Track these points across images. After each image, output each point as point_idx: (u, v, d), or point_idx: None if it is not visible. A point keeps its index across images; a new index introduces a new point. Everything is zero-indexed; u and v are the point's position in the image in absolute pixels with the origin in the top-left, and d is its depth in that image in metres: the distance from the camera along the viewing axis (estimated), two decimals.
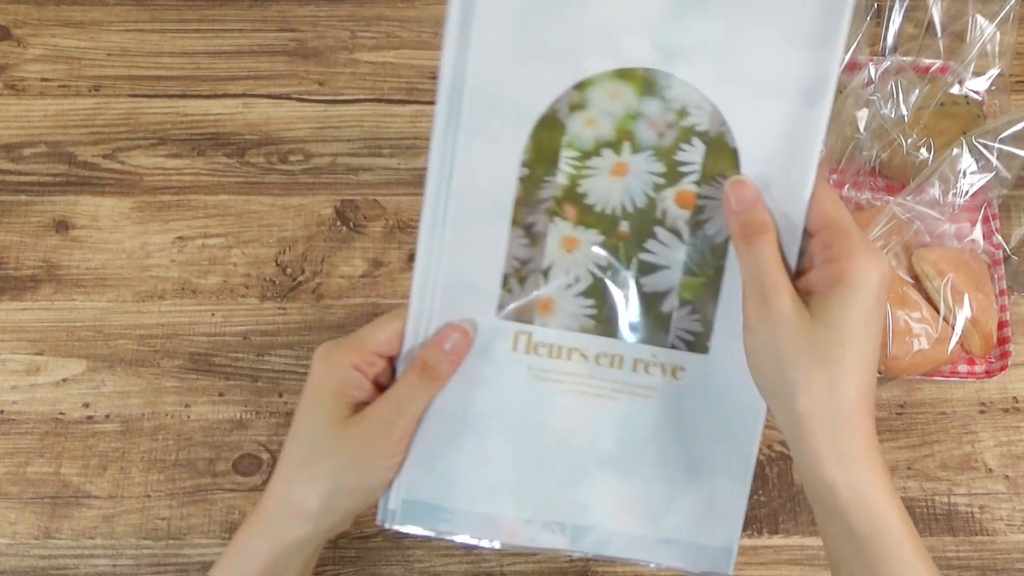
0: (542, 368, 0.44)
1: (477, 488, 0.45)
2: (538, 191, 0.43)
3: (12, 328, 0.64)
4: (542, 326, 0.44)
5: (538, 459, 0.45)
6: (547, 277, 0.44)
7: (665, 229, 0.43)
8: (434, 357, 0.43)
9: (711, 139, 0.42)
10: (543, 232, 0.43)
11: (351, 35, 0.73)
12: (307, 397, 0.44)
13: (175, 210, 0.68)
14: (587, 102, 0.42)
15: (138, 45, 0.73)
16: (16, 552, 0.59)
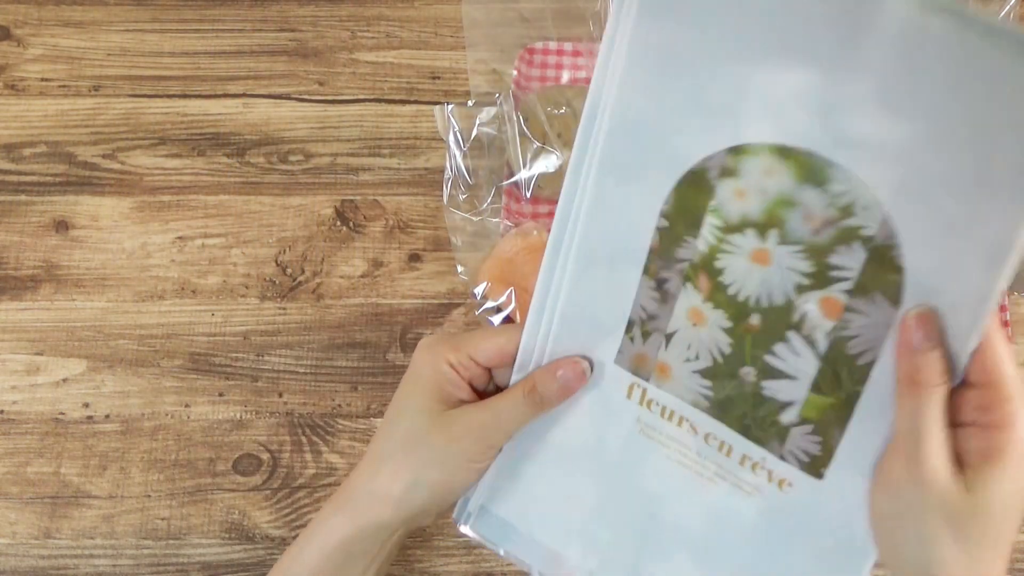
0: (651, 425, 0.42)
1: (552, 522, 0.44)
2: (676, 248, 0.39)
3: (12, 328, 0.64)
4: (657, 387, 0.41)
5: (619, 515, 0.43)
6: (669, 343, 0.40)
7: (800, 336, 0.38)
8: (545, 385, 0.42)
9: (875, 248, 0.35)
10: (674, 294, 0.40)
11: (351, 35, 0.73)
12: (404, 385, 0.45)
13: (175, 210, 0.68)
14: (740, 171, 0.36)
15: (138, 45, 0.73)
16: (16, 552, 0.59)
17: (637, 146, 0.38)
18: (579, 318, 0.42)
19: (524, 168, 0.63)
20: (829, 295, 0.37)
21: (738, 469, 0.41)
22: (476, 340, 0.44)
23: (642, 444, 0.42)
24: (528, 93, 0.67)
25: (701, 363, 0.40)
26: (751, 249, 0.37)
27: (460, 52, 0.72)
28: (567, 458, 0.43)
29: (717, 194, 0.37)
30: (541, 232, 0.64)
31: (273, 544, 0.59)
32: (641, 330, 0.41)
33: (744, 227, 0.37)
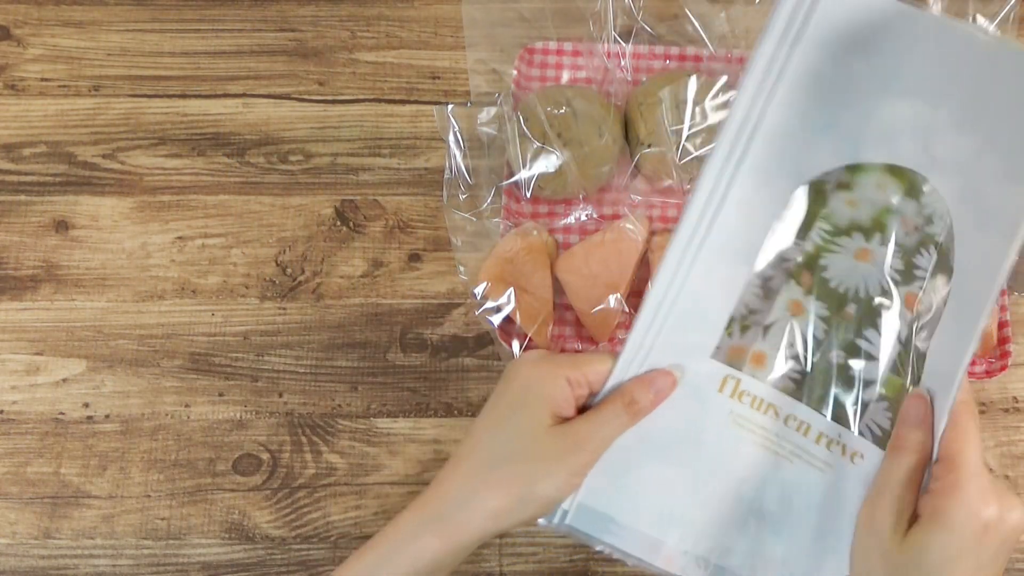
0: (741, 415, 0.45)
1: (651, 510, 0.46)
2: (786, 249, 0.45)
3: (12, 328, 0.64)
4: (751, 376, 0.45)
5: (711, 498, 0.46)
6: (766, 333, 0.45)
7: (887, 324, 0.44)
8: (642, 395, 0.44)
9: (941, 251, 0.43)
10: (777, 290, 0.45)
11: (351, 35, 0.73)
12: (510, 397, 0.44)
13: (175, 210, 0.68)
14: (854, 185, 0.44)
15: (138, 45, 0.73)
16: (16, 552, 0.59)
17: (776, 157, 0.44)
18: (688, 315, 0.45)
19: (524, 168, 0.63)
20: (911, 290, 0.44)
21: (813, 447, 0.45)
22: (592, 362, 0.45)
23: (733, 433, 0.46)
24: (528, 93, 0.67)
25: (796, 348, 0.45)
26: (856, 249, 0.44)
27: (460, 52, 0.72)
28: (663, 450, 0.46)
29: (830, 203, 0.44)
30: (541, 232, 0.64)
31: (273, 544, 0.59)
32: (740, 325, 0.45)
33: (852, 231, 0.44)
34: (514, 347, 0.61)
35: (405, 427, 0.62)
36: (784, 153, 0.43)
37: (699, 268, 0.44)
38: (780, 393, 0.45)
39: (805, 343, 0.45)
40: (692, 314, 0.45)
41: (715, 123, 0.63)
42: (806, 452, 0.45)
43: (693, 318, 0.45)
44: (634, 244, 0.63)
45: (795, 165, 0.44)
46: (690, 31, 0.67)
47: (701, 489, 0.46)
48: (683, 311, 0.45)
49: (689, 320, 0.45)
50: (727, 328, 0.45)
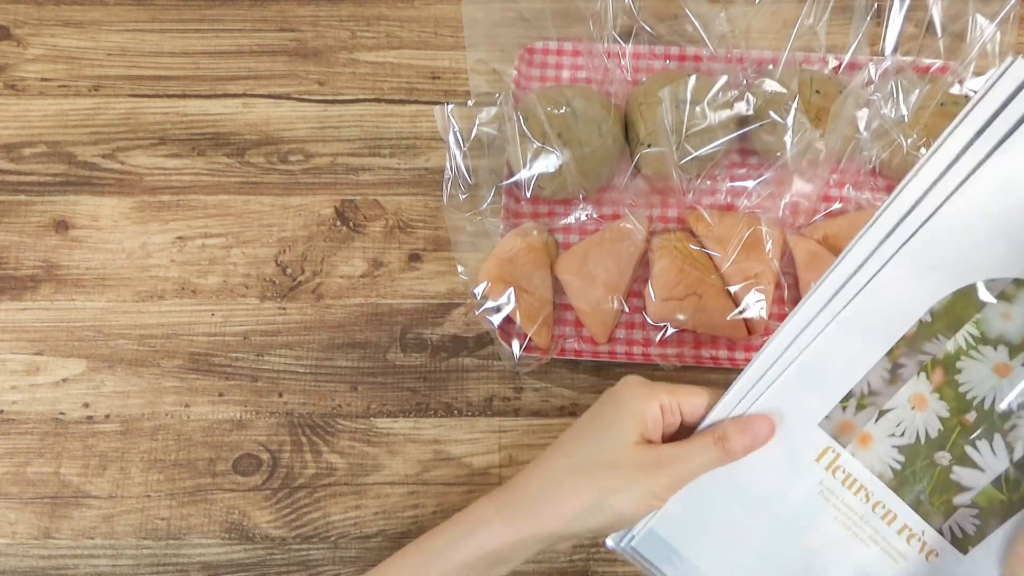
0: (831, 489, 0.45)
1: (717, 556, 0.46)
2: (926, 342, 0.43)
3: (12, 328, 0.64)
4: (851, 455, 0.45)
5: (780, 561, 0.46)
6: (880, 417, 0.44)
7: (1004, 441, 0.43)
8: (735, 435, 0.44)
9: None
10: (905, 379, 0.44)
11: (351, 35, 0.73)
12: (605, 408, 0.45)
13: (175, 210, 0.68)
14: (1016, 299, 0.42)
15: (138, 45, 0.73)
16: (16, 552, 0.59)
17: (943, 248, 0.42)
18: (809, 375, 0.44)
19: (524, 168, 0.63)
20: None
21: (893, 537, 0.45)
22: (688, 394, 0.45)
23: (818, 505, 0.46)
24: (528, 93, 0.67)
25: (904, 440, 0.44)
26: (997, 362, 0.43)
27: (460, 52, 0.72)
28: (745, 500, 0.46)
29: (984, 311, 0.42)
30: (541, 232, 0.64)
31: (273, 544, 0.59)
32: (857, 403, 0.44)
33: (999, 343, 0.43)
34: (514, 347, 0.61)
35: (405, 427, 0.62)
36: (953, 248, 0.42)
37: (831, 332, 0.43)
38: (876, 479, 0.45)
39: (917, 438, 0.44)
40: (810, 376, 0.44)
41: (715, 123, 0.63)
42: (884, 540, 0.45)
43: (810, 380, 0.44)
44: (634, 244, 0.63)
45: (961, 263, 0.42)
46: (690, 31, 0.67)
47: (773, 549, 0.46)
48: (802, 370, 0.44)
49: (806, 381, 0.44)
50: (843, 401, 0.44)
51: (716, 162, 0.65)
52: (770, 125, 0.64)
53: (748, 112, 0.64)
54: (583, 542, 0.59)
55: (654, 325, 0.63)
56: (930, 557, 0.45)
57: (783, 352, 0.44)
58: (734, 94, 0.64)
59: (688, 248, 0.63)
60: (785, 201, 0.64)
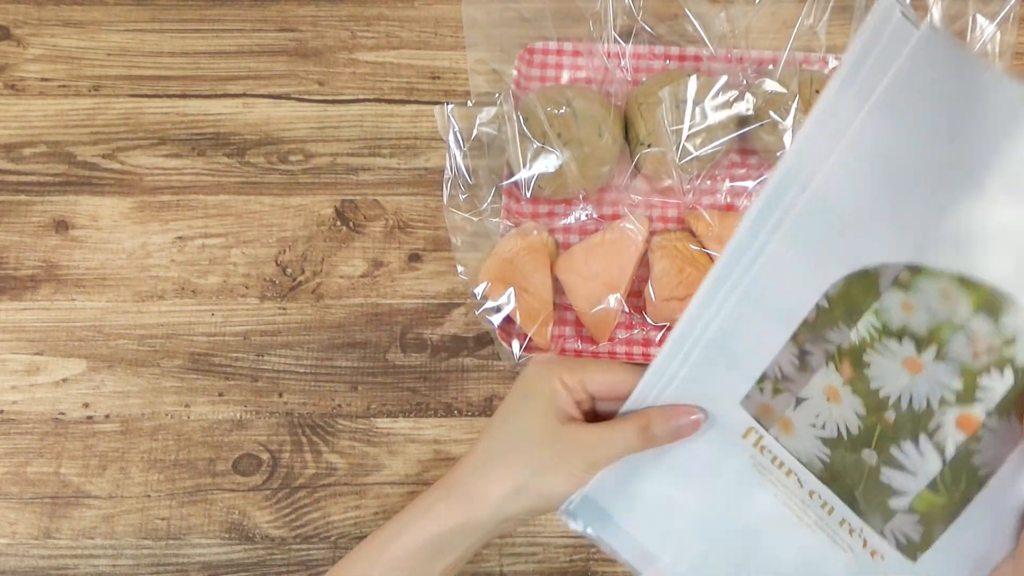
0: (763, 466, 0.44)
1: (653, 525, 0.46)
2: (827, 330, 0.40)
3: (12, 328, 0.64)
4: (775, 439, 0.43)
5: (716, 533, 0.45)
6: (799, 405, 0.42)
7: (931, 442, 0.39)
8: (660, 426, 0.44)
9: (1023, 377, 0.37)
10: (814, 368, 0.41)
11: (351, 35, 0.73)
12: (518, 393, 0.46)
13: (175, 210, 0.68)
14: (914, 288, 0.37)
15: (138, 45, 0.73)
16: (16, 552, 0.59)
17: (825, 230, 0.38)
18: (720, 353, 0.43)
19: (524, 168, 0.63)
20: (970, 412, 0.38)
21: (836, 528, 0.43)
22: (592, 369, 0.45)
23: (754, 478, 0.44)
24: (528, 93, 0.67)
25: (826, 432, 0.42)
26: (905, 356, 0.38)
27: (460, 52, 0.72)
28: (679, 470, 0.45)
29: (883, 299, 0.38)
30: (541, 232, 0.64)
31: (273, 544, 0.59)
32: (773, 386, 0.42)
33: (903, 336, 0.38)
34: (514, 347, 0.61)
35: (405, 427, 0.62)
36: (834, 230, 0.38)
37: (733, 309, 0.41)
38: (805, 468, 0.42)
39: (838, 433, 0.41)
40: (723, 353, 0.42)
41: (715, 123, 0.63)
42: (829, 529, 0.43)
43: (724, 358, 0.42)
44: (634, 244, 0.63)
45: (846, 247, 0.38)
46: (690, 31, 0.67)
47: (710, 523, 0.45)
48: (713, 347, 0.42)
49: (720, 358, 0.42)
50: (759, 383, 0.42)
51: (716, 162, 0.65)
52: (770, 125, 0.64)
53: (748, 112, 0.64)
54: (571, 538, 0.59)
55: (654, 325, 0.63)
56: (875, 557, 0.42)
57: (691, 328, 0.42)
58: (734, 94, 0.64)
59: (688, 248, 0.63)
60: None
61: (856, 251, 0.38)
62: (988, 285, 0.35)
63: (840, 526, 0.43)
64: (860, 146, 0.36)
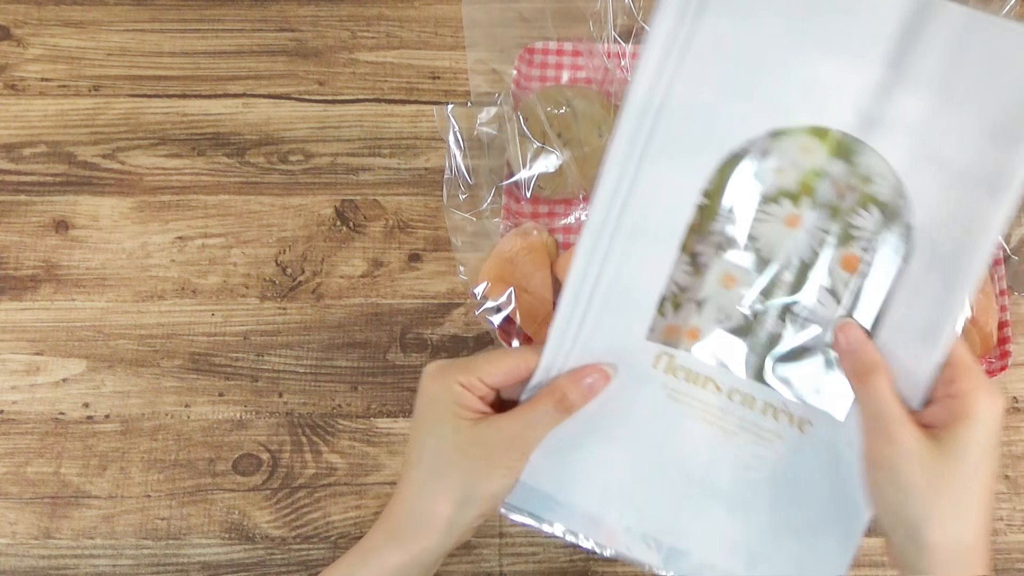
0: (677, 390, 0.45)
1: (590, 488, 0.46)
2: (712, 223, 0.43)
3: (12, 328, 0.64)
4: (685, 351, 0.45)
5: (653, 474, 0.46)
6: (700, 308, 0.44)
7: (825, 288, 0.43)
8: (572, 391, 0.44)
9: (888, 210, 0.42)
10: (707, 264, 0.44)
11: (351, 35, 0.73)
12: (424, 411, 0.45)
13: (175, 210, 0.68)
14: (779, 151, 0.42)
15: (138, 45, 0.73)
16: (16, 552, 0.59)
17: (688, 130, 0.42)
18: (617, 298, 0.44)
19: (524, 168, 0.63)
20: (850, 251, 0.42)
21: (760, 419, 0.45)
22: (483, 364, 0.45)
23: (671, 408, 0.45)
24: (528, 93, 0.67)
25: (732, 322, 0.44)
26: (785, 215, 0.43)
27: (460, 52, 0.72)
28: (602, 429, 0.46)
29: (755, 172, 0.42)
30: (541, 232, 0.64)
31: (273, 544, 0.59)
32: (672, 303, 0.44)
33: (779, 197, 0.43)
34: (514, 347, 0.61)
35: (405, 427, 0.62)
36: (699, 126, 0.42)
37: (618, 251, 0.43)
38: (718, 368, 0.44)
39: (743, 316, 0.44)
40: (618, 299, 0.44)
41: None
42: (754, 425, 0.45)
43: (620, 302, 0.44)
44: None
45: (712, 137, 0.42)
46: None
47: (642, 467, 0.46)
48: (607, 296, 0.44)
49: (616, 304, 0.44)
50: (659, 309, 0.44)
51: None
52: None
53: None
54: None
55: None
56: (804, 428, 0.44)
57: (579, 288, 0.44)
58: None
59: None
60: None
61: (721, 139, 0.42)
62: (835, 131, 0.41)
63: (763, 415, 0.45)
64: (708, 49, 0.41)
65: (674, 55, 0.41)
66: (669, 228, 0.43)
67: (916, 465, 0.40)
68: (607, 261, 0.43)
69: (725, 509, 0.45)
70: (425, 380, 0.46)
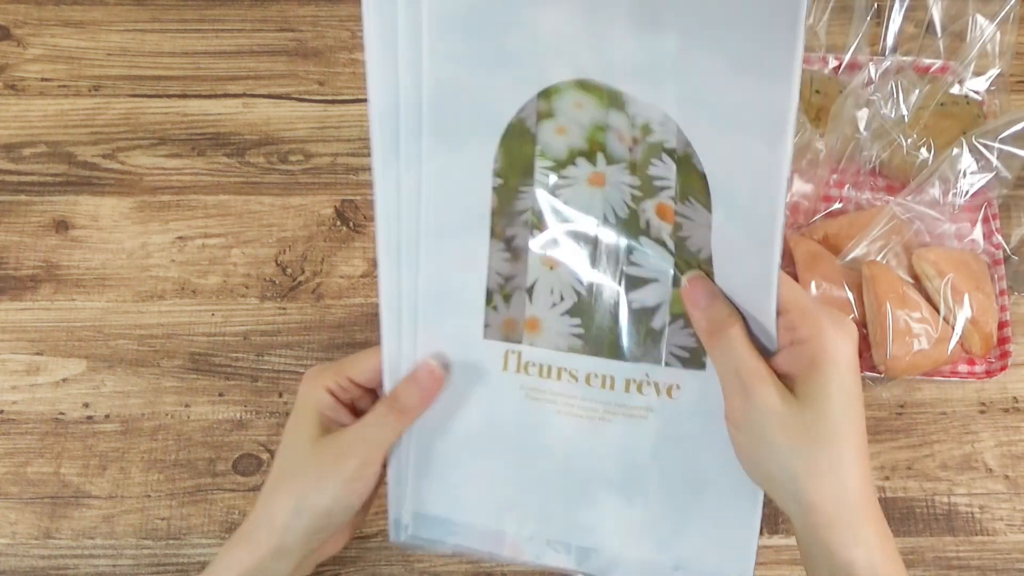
0: (534, 387, 0.43)
1: (483, 503, 0.45)
2: (515, 202, 0.41)
3: (12, 328, 0.64)
4: (530, 345, 0.43)
5: (536, 478, 0.45)
6: (532, 295, 0.42)
7: (651, 239, 0.41)
8: (406, 394, 0.44)
9: (680, 158, 0.39)
10: (524, 247, 0.41)
11: (351, 35, 0.73)
12: (291, 416, 0.46)
13: (175, 210, 0.68)
14: (555, 111, 0.39)
15: (138, 45, 0.73)
16: (16, 552, 0.59)
17: (456, 114, 0.39)
18: (440, 305, 0.42)
19: None
20: (660, 201, 0.40)
21: (625, 398, 0.43)
22: (355, 360, 0.45)
23: (533, 409, 0.44)
24: None
25: (567, 302, 0.42)
26: (587, 174, 0.40)
27: None
28: (474, 443, 0.45)
29: (539, 138, 0.40)
30: None
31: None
32: (501, 295, 0.42)
33: (574, 157, 0.40)
34: None
35: None
36: (466, 107, 0.39)
37: (426, 254, 0.41)
38: (568, 354, 0.42)
39: (576, 293, 0.42)
40: (441, 300, 0.42)
41: None
42: (621, 406, 0.43)
43: (445, 304, 0.42)
44: None
45: (484, 114, 0.39)
46: None
47: (523, 474, 0.45)
48: (429, 301, 0.42)
49: (441, 307, 0.42)
50: (489, 303, 0.42)
51: None
52: None
53: None
54: None
55: None
56: (673, 393, 0.42)
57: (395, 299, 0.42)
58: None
59: None
60: (785, 201, 0.64)
61: (494, 113, 0.39)
62: (599, 83, 0.38)
63: (628, 392, 0.42)
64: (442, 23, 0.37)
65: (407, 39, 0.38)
66: (472, 218, 0.41)
67: (777, 423, 0.38)
68: (419, 267, 0.41)
69: (621, 498, 0.44)
70: (300, 385, 0.45)
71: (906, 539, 0.59)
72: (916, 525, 0.59)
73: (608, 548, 0.45)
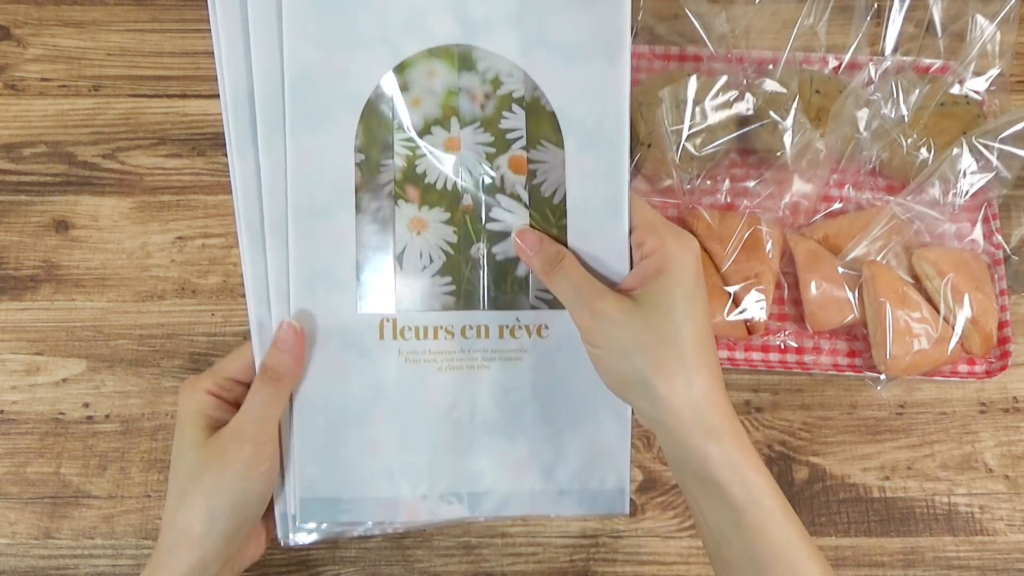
0: (412, 351, 0.46)
1: (371, 474, 0.46)
2: (377, 176, 0.44)
3: (12, 328, 0.64)
4: (405, 310, 0.45)
5: (423, 437, 0.46)
6: (401, 262, 0.45)
7: (506, 196, 0.45)
8: (274, 359, 0.44)
9: (529, 104, 0.44)
10: (390, 216, 0.44)
11: None
12: (176, 426, 0.46)
13: (175, 210, 0.68)
14: (409, 84, 0.44)
15: (138, 45, 0.73)
16: (16, 552, 0.59)
17: (316, 95, 0.43)
18: (312, 284, 0.45)
19: None
20: (513, 155, 0.45)
21: (500, 343, 0.46)
22: (227, 361, 0.46)
23: (413, 371, 0.46)
24: None
25: (437, 263, 0.45)
26: (443, 141, 0.44)
27: None
28: (357, 415, 0.46)
29: (396, 112, 0.44)
30: None
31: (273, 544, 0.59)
32: (372, 266, 0.45)
33: (429, 126, 0.44)
34: None
35: None
36: (324, 88, 0.43)
37: (295, 236, 0.44)
38: (442, 313, 0.46)
39: (443, 253, 0.45)
40: (314, 280, 0.44)
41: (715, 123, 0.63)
42: (497, 352, 0.46)
43: (318, 283, 0.45)
44: None
45: (343, 94, 0.43)
46: (690, 31, 0.67)
47: (410, 435, 0.46)
48: (301, 282, 0.44)
49: (314, 287, 0.45)
50: (360, 276, 0.45)
51: (716, 162, 0.65)
52: (770, 125, 0.64)
53: (748, 112, 0.64)
54: (581, 541, 0.59)
55: None
56: (543, 333, 0.46)
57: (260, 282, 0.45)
58: (734, 94, 0.64)
59: None
60: (785, 201, 0.64)
61: (352, 93, 0.43)
62: (450, 46, 0.43)
63: (502, 338, 0.46)
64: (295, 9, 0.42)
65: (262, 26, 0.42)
66: (337, 196, 0.44)
67: (622, 328, 0.41)
68: (288, 249, 0.44)
69: (504, 438, 0.47)
70: (178, 396, 0.46)
71: (906, 539, 0.59)
72: (916, 525, 0.60)
73: (497, 488, 0.47)
